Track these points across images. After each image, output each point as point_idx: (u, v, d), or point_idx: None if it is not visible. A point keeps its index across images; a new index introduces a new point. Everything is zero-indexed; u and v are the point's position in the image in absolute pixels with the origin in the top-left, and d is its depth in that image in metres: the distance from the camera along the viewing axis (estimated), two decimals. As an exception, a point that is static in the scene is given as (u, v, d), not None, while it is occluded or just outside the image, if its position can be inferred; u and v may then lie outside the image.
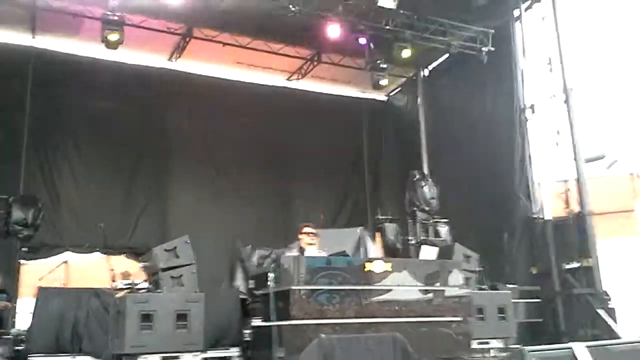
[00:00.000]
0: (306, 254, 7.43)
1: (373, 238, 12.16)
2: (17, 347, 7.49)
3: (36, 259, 11.11)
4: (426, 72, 14.94)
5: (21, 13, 11.50)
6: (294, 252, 7.61)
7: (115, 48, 10.46)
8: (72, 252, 11.38)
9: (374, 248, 11.63)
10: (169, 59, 13.42)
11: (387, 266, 7.11)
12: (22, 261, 10.87)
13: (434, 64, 14.58)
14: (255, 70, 14.11)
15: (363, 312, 6.76)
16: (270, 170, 14.04)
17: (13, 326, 9.11)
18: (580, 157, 10.52)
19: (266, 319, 6.89)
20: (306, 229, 7.70)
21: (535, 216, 11.00)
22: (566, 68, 11.01)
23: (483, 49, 11.89)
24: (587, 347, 3.52)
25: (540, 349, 3.38)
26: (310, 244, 7.61)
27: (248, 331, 8.18)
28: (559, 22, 11.23)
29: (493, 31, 12.02)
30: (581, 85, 11.16)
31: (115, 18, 10.21)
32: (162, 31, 12.17)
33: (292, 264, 6.67)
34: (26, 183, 11.39)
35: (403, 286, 7.13)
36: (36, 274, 8.97)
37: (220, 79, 13.96)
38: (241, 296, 8.96)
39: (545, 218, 10.94)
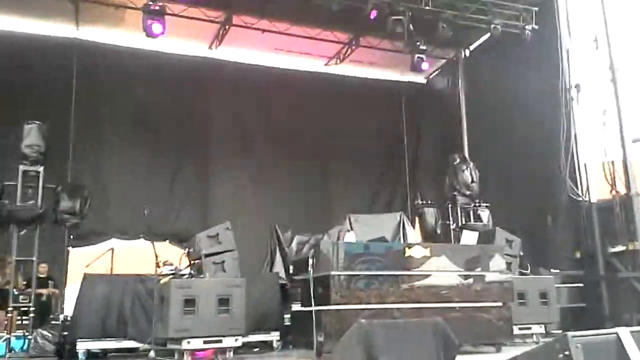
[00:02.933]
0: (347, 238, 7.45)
1: (412, 223, 12.10)
2: (64, 332, 7.75)
3: (83, 245, 11.43)
4: (467, 53, 14.68)
5: (65, 5, 11.77)
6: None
7: (157, 37, 10.59)
8: (118, 238, 11.67)
9: (414, 233, 11.58)
10: (209, 47, 13.55)
11: (427, 251, 7.10)
12: (69, 248, 11.24)
13: (475, 44, 14.30)
14: (293, 55, 14.13)
15: (402, 298, 6.79)
16: (310, 156, 14.07)
17: (61, 312, 9.43)
18: (626, 138, 10.20)
19: (305, 304, 6.97)
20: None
21: (580, 199, 10.76)
22: (612, 46, 10.66)
23: (526, 27, 11.58)
24: (632, 332, 3.43)
25: (584, 334, 3.31)
26: None
27: (288, 316, 8.31)
28: (605, -1, 10.87)
29: (537, 9, 11.71)
30: (628, 63, 10.78)
31: (157, 8, 10.35)
32: (202, 20, 12.28)
33: (331, 249, 6.71)
34: (73, 172, 11.72)
35: (443, 271, 7.10)
36: (84, 261, 9.23)
37: (259, 65, 14.01)
38: (281, 281, 9.08)
39: (591, 200, 10.68)
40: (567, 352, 3.23)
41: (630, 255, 9.70)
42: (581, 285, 9.99)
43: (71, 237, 10.71)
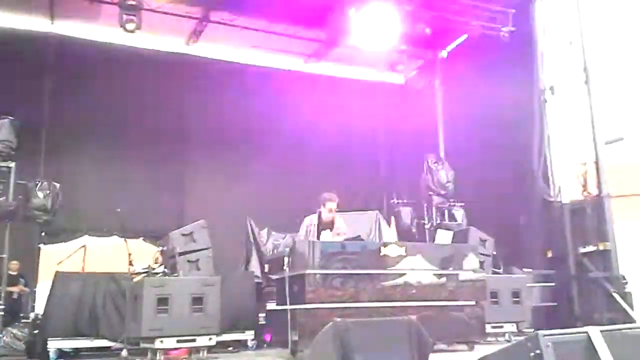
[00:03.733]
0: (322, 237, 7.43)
1: (388, 222, 12.16)
2: (35, 331, 7.63)
3: (55, 243, 11.27)
4: (444, 54, 14.77)
5: (40, -1, 11.58)
6: (313, 218, 7.57)
7: (133, 32, 10.48)
8: (91, 236, 11.52)
9: (389, 232, 11.63)
10: (186, 43, 13.43)
11: (402, 250, 7.12)
12: (41, 246, 11.07)
13: (453, 45, 14.41)
14: (272, 53, 14.09)
15: (377, 296, 6.80)
16: (286, 154, 14.02)
17: (32, 310, 9.30)
18: (599, 140, 10.35)
19: (281, 302, 6.96)
20: (329, 204, 7.60)
21: (552, 199, 10.90)
22: (587, 48, 10.79)
23: (503, 29, 11.69)
24: (602, 331, 3.47)
25: (555, 333, 3.35)
26: (330, 217, 7.54)
27: (263, 315, 8.29)
28: (580, 1, 10.99)
29: (514, 10, 11.83)
30: (602, 66, 10.93)
31: (133, 3, 10.23)
32: (179, 15, 12.17)
33: (307, 248, 6.70)
34: (45, 169, 11.54)
35: (417, 270, 7.14)
36: (56, 258, 9.11)
37: (237, 62, 13.95)
38: (256, 280, 9.06)
39: (563, 201, 10.82)
40: (538, 351, 3.27)
41: (600, 256, 9.83)
42: (553, 284, 10.10)
43: (43, 234, 10.55)
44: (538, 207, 10.99)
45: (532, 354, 3.29)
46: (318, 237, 7.45)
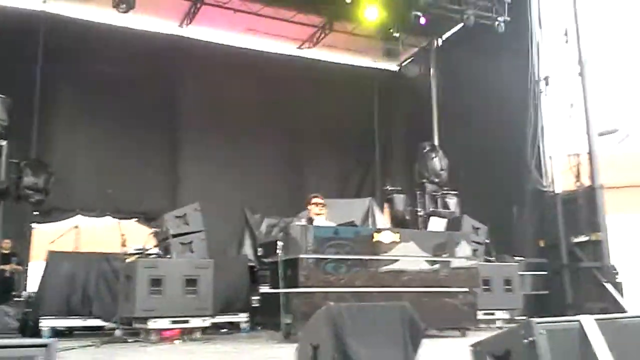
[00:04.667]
0: (315, 224, 7.44)
1: (382, 209, 12.18)
2: (27, 309, 7.63)
3: (47, 222, 11.22)
4: (439, 42, 14.75)
5: (32, -24, 11.44)
6: (303, 222, 7.62)
7: (126, 12, 10.36)
8: (83, 215, 11.47)
9: (383, 219, 11.66)
10: (180, 25, 13.33)
11: (395, 237, 7.15)
12: (33, 225, 11.02)
13: (448, 34, 14.39)
14: (266, 37, 14.00)
15: (370, 282, 6.83)
16: (280, 139, 14.02)
17: (24, 289, 9.27)
18: (592, 131, 10.41)
19: (274, 286, 6.98)
20: (315, 200, 7.66)
21: (545, 189, 10.97)
22: (582, 40, 10.81)
23: (499, 19, 11.68)
24: (596, 320, 3.49)
25: (547, 321, 3.35)
26: (319, 214, 7.58)
27: (256, 298, 8.31)
28: (577, -8, 11.00)
29: (509, 1, 11.81)
30: (597, 58, 10.98)
31: (127, -17, 10.10)
32: (173, -4, 12.07)
33: (300, 233, 6.71)
34: (38, 148, 11.47)
35: (410, 256, 7.17)
36: (48, 238, 9.08)
37: (230, 46, 13.87)
38: (249, 263, 9.07)
39: (556, 191, 10.89)
40: (531, 338, 3.28)
41: (592, 246, 9.91)
42: (545, 273, 10.19)
43: (35, 213, 10.50)
44: (531, 197, 11.06)
45: (525, 340, 3.30)
46: None
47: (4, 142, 8.21)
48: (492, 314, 8.35)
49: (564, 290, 10.02)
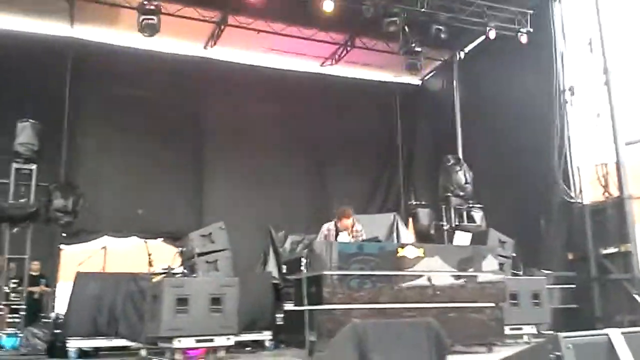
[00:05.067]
0: (339, 239, 7.42)
1: (406, 223, 12.12)
2: (55, 330, 7.73)
3: (75, 243, 11.41)
4: (462, 55, 14.72)
5: (60, 3, 11.72)
6: (331, 227, 7.55)
7: (152, 36, 10.56)
8: (110, 236, 11.64)
9: (407, 233, 11.59)
10: (205, 47, 13.55)
11: (420, 252, 7.08)
12: (61, 246, 11.21)
13: (470, 47, 14.35)
14: (289, 56, 14.14)
15: (395, 298, 6.76)
16: (304, 156, 14.09)
17: (52, 310, 9.41)
18: (619, 140, 10.24)
19: (298, 303, 6.96)
20: (346, 222, 7.52)
21: (573, 200, 10.81)
22: (607, 49, 10.70)
23: (521, 30, 11.62)
24: (623, 333, 3.43)
25: (575, 335, 3.31)
26: (346, 231, 7.53)
27: (280, 315, 8.30)
28: (600, 1, 10.89)
29: (532, 12, 11.76)
30: (622, 67, 10.82)
31: (152, 7, 10.30)
32: (197, 19, 12.26)
33: (324, 249, 6.70)
34: (66, 171, 11.72)
35: (436, 272, 7.10)
36: (76, 259, 9.23)
37: (254, 66, 14.04)
38: (274, 281, 9.08)
39: (584, 202, 10.73)
40: (558, 353, 3.23)
41: (621, 257, 9.73)
42: (573, 286, 10.00)
43: (63, 235, 10.68)
44: (558, 209, 10.90)
45: (552, 355, 3.25)
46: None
47: (34, 166, 8.41)
48: (520, 328, 8.17)
49: (593, 303, 9.84)
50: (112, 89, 12.44)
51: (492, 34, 11.53)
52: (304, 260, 6.88)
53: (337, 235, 7.57)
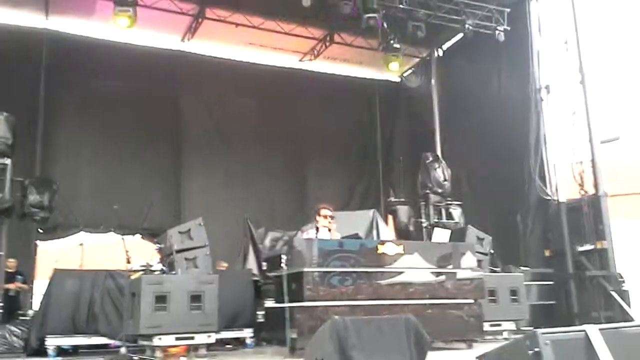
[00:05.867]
0: (320, 235, 7.42)
1: (385, 220, 12.16)
2: (33, 328, 7.57)
3: (52, 239, 11.25)
4: (440, 52, 14.80)
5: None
6: (311, 233, 7.59)
7: (128, 29, 10.44)
8: (87, 232, 11.48)
9: (387, 230, 11.63)
10: (182, 40, 13.42)
11: (399, 248, 7.13)
12: (38, 242, 11.02)
13: (448, 44, 14.43)
14: (267, 51, 14.07)
15: (375, 294, 6.80)
16: (283, 152, 14.05)
17: (30, 307, 9.26)
18: (595, 139, 10.40)
19: (279, 300, 6.95)
20: (324, 212, 7.57)
21: (549, 198, 10.96)
22: (582, 48, 10.84)
23: (498, 28, 11.71)
24: (601, 329, 3.50)
25: (553, 331, 3.36)
26: (326, 227, 7.53)
27: (261, 312, 8.28)
28: (576, 1, 11.03)
29: (509, 10, 11.85)
30: (598, 65, 10.99)
31: (128, -1, 10.18)
32: (174, 12, 12.14)
33: (304, 246, 6.70)
34: (42, 165, 11.53)
35: (415, 268, 7.15)
36: (53, 255, 9.09)
37: (232, 60, 13.95)
38: (254, 278, 9.05)
39: (560, 200, 10.87)
40: (536, 349, 3.28)
41: (598, 254, 9.89)
42: (551, 283, 10.15)
43: (40, 231, 10.52)
44: (535, 206, 11.04)
45: (530, 352, 3.30)
46: None
47: (8, 161, 8.23)
48: (499, 325, 8.28)
49: (570, 300, 9.98)
50: (88, 82, 12.27)
51: (469, 31, 11.57)
52: (284, 257, 6.87)
53: (317, 234, 7.56)
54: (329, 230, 7.48)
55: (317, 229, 7.53)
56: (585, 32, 10.96)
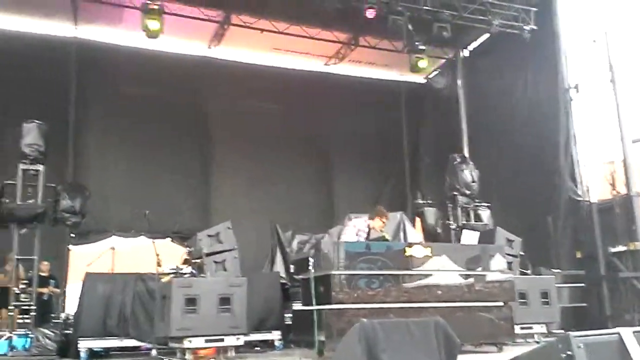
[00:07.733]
0: (342, 239, 7.44)
1: (413, 223, 12.10)
2: (66, 331, 7.75)
3: (84, 244, 11.42)
4: (466, 53, 14.69)
5: (63, 4, 11.75)
6: (363, 227, 7.57)
7: (156, 37, 10.61)
8: (118, 236, 11.66)
9: (414, 233, 11.57)
10: (208, 47, 13.55)
11: (427, 251, 7.09)
12: (70, 247, 11.23)
13: (474, 44, 14.32)
14: (293, 55, 14.14)
15: (403, 297, 6.77)
16: (309, 156, 14.09)
17: (62, 310, 9.43)
18: (626, 138, 10.22)
19: (307, 303, 6.97)
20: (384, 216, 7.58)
21: (580, 199, 10.79)
22: (611, 46, 10.67)
23: (525, 27, 11.58)
24: (635, 332, 3.43)
25: (586, 334, 3.30)
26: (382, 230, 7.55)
27: (289, 315, 8.31)
28: (604, -1, 10.89)
29: (535, 9, 11.72)
30: (627, 63, 10.79)
31: (155, 7, 10.35)
32: (201, 19, 12.29)
33: (331, 249, 6.70)
34: (73, 171, 11.74)
35: (443, 271, 7.10)
36: (85, 259, 9.24)
37: (258, 65, 14.03)
38: (281, 281, 9.09)
39: (591, 200, 10.71)
40: (569, 352, 3.23)
41: (630, 255, 9.73)
42: (582, 285, 9.99)
43: (72, 235, 10.70)
44: (566, 207, 10.88)
45: (563, 355, 3.25)
46: None
47: (40, 167, 8.41)
48: (530, 327, 8.18)
49: (602, 302, 9.84)
50: (117, 89, 12.47)
51: (495, 31, 11.47)
52: (311, 260, 6.88)
53: (369, 234, 7.56)
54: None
55: (369, 229, 7.50)
56: (614, 28, 10.78)
